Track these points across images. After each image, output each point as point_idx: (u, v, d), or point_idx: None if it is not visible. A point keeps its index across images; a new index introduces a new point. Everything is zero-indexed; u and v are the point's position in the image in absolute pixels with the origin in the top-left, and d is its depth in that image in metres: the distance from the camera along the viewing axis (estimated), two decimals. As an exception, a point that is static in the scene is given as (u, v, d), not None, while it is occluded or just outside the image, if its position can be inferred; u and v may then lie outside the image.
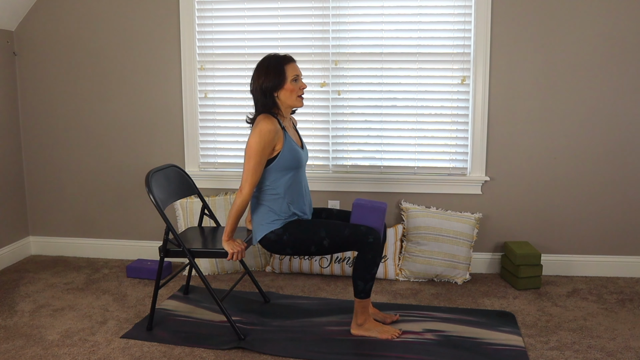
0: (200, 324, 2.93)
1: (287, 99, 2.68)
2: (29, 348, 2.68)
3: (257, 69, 2.68)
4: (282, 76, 2.64)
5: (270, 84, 2.63)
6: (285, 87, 2.65)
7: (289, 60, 2.68)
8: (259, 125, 2.58)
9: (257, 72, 2.67)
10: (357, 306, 2.75)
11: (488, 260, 3.67)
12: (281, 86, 2.64)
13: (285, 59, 2.68)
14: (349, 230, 2.63)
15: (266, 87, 2.63)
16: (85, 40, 3.81)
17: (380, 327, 2.78)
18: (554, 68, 3.46)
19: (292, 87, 2.66)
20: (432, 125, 3.62)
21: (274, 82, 2.63)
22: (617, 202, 3.54)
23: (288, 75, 2.65)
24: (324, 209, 2.97)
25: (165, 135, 3.83)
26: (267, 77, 2.63)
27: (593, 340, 2.75)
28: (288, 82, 2.64)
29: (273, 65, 2.65)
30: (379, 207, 2.68)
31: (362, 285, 2.67)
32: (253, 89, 2.69)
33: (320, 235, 2.65)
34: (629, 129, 3.47)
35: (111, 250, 4.00)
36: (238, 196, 2.63)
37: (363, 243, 2.61)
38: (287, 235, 2.68)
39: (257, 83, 2.66)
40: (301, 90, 2.70)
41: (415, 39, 3.54)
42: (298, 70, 2.69)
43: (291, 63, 2.68)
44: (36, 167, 4.00)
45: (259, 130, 2.57)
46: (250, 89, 2.72)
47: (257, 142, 2.57)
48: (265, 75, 2.64)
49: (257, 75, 2.66)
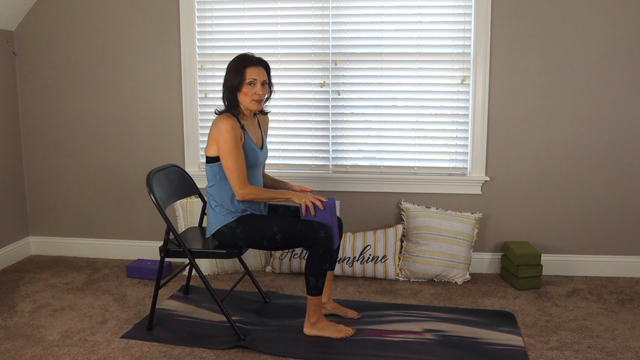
0: (200, 324, 2.93)
1: (243, 100, 2.74)
2: (29, 348, 2.69)
3: (227, 66, 2.75)
4: (241, 78, 2.70)
5: (231, 83, 2.71)
6: (243, 89, 2.70)
7: (253, 63, 2.71)
8: (220, 125, 2.64)
9: (227, 69, 2.75)
10: (309, 304, 2.74)
11: (488, 260, 3.67)
12: (239, 88, 2.71)
13: (249, 61, 2.71)
14: (300, 225, 2.65)
15: (228, 86, 2.73)
16: (85, 41, 3.81)
17: (334, 326, 2.78)
18: (554, 68, 3.46)
19: (247, 90, 2.71)
20: (432, 125, 3.62)
21: (233, 82, 2.71)
22: (617, 202, 3.54)
23: (246, 77, 2.69)
24: (281, 205, 3.00)
25: (165, 135, 3.83)
26: (229, 76, 2.72)
27: (593, 340, 2.75)
28: (244, 85, 2.70)
29: (236, 65, 2.71)
30: (326, 202, 2.71)
31: (313, 282, 2.67)
32: (223, 84, 2.77)
33: (272, 230, 2.68)
34: (628, 128, 3.47)
35: (111, 250, 4.00)
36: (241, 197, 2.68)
37: (314, 238, 2.63)
38: (240, 229, 2.72)
39: (225, 78, 2.75)
40: (256, 95, 2.72)
41: (415, 39, 3.54)
42: (257, 74, 2.70)
43: (252, 66, 2.70)
44: (36, 167, 4.00)
45: (224, 130, 2.62)
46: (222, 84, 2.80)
47: (227, 140, 2.63)
48: (228, 73, 2.73)
49: (226, 72, 2.75)
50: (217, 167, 2.73)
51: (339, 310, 2.97)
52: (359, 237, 3.59)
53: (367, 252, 3.54)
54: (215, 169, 2.74)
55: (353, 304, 3.14)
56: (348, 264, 3.54)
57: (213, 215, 2.78)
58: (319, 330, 2.76)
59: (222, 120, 2.66)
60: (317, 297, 2.71)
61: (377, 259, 3.52)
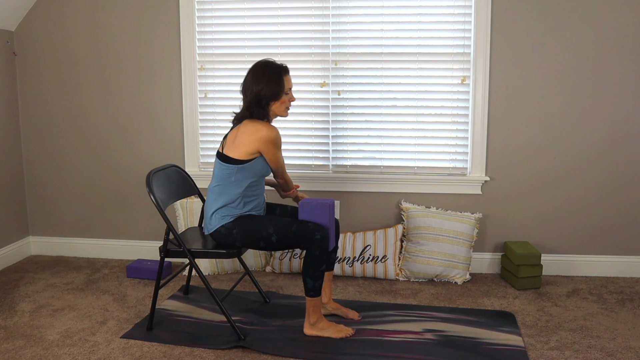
0: (200, 324, 2.93)
1: (277, 109, 2.75)
2: (29, 348, 2.69)
3: (255, 74, 2.71)
4: (280, 86, 2.70)
5: (269, 93, 2.68)
6: (281, 98, 2.71)
7: (286, 71, 2.75)
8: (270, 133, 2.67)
9: (256, 77, 2.70)
10: (308, 305, 2.74)
11: (488, 260, 3.67)
12: (278, 97, 2.70)
13: (283, 69, 2.74)
14: (296, 227, 2.66)
15: (264, 95, 2.68)
16: (85, 41, 3.81)
17: (334, 326, 2.78)
18: (554, 68, 3.46)
19: (284, 98, 2.73)
20: (432, 125, 3.62)
21: (272, 91, 2.68)
22: (617, 202, 3.54)
23: (285, 86, 2.71)
24: (279, 205, 3.01)
25: (165, 135, 3.83)
26: (268, 85, 2.68)
27: (593, 340, 2.75)
28: (282, 94, 2.71)
29: (274, 73, 2.69)
30: (324, 203, 2.72)
31: (311, 283, 2.67)
32: (249, 92, 2.71)
33: (268, 231, 2.68)
34: (629, 128, 3.47)
35: (111, 250, 4.00)
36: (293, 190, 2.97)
37: (310, 240, 2.63)
38: (237, 229, 2.72)
39: (254, 88, 2.69)
40: (289, 102, 2.77)
41: (415, 39, 3.54)
42: (290, 82, 2.77)
43: (288, 74, 2.76)
44: (36, 167, 4.00)
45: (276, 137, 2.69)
46: (244, 91, 2.75)
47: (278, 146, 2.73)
48: (266, 82, 2.68)
49: (255, 80, 2.69)
50: (235, 169, 2.70)
51: (340, 310, 2.97)
52: (359, 237, 3.59)
53: (367, 252, 3.54)
54: (233, 171, 2.70)
55: (353, 304, 3.14)
56: (348, 264, 3.54)
57: (212, 212, 2.77)
58: (319, 331, 2.76)
59: (270, 128, 2.68)
60: (315, 298, 2.71)
61: (377, 259, 3.52)
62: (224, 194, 2.74)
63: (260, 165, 2.74)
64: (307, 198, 2.84)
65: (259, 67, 2.72)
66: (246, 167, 2.70)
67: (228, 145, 2.73)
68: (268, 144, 2.68)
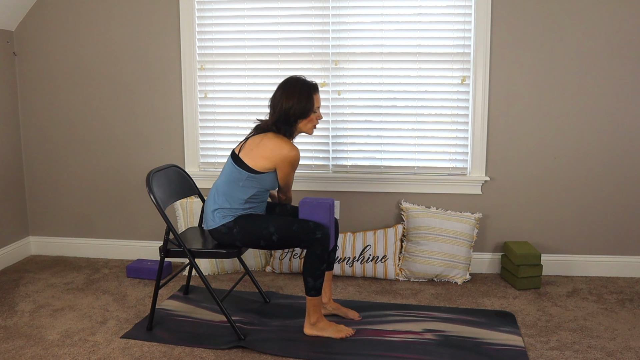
0: (200, 324, 2.93)
1: (304, 126, 2.76)
2: (29, 348, 2.68)
3: (286, 90, 2.71)
4: (310, 105, 2.70)
5: (298, 111, 2.69)
6: (310, 116, 2.72)
7: (316, 90, 2.76)
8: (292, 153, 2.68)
9: (287, 93, 2.70)
10: (308, 304, 2.74)
11: (488, 260, 3.67)
12: (307, 115, 2.71)
13: (313, 88, 2.74)
14: (297, 226, 2.66)
15: (293, 112, 2.69)
16: (85, 41, 3.81)
17: (334, 326, 2.78)
18: (554, 68, 3.46)
19: (313, 117, 2.74)
20: (432, 125, 3.62)
21: (302, 110, 2.69)
22: (617, 202, 3.54)
23: (315, 105, 2.72)
24: (278, 204, 3.01)
25: (165, 135, 3.83)
26: (299, 103, 2.68)
27: (593, 340, 2.75)
28: (312, 113, 2.72)
29: (305, 91, 2.70)
30: (324, 203, 2.72)
31: (312, 282, 2.67)
32: (277, 108, 2.70)
33: (269, 230, 2.68)
34: (629, 128, 3.47)
35: (111, 250, 4.00)
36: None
37: (311, 239, 2.63)
38: (237, 228, 2.72)
39: (284, 104, 2.69)
40: (317, 121, 2.78)
41: (415, 39, 3.54)
42: (320, 100, 2.78)
43: (318, 93, 2.77)
44: (36, 167, 4.00)
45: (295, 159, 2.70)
46: (272, 106, 2.73)
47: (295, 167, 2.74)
48: (297, 100, 2.68)
49: (285, 96, 2.69)
50: (246, 176, 2.70)
51: (340, 310, 2.97)
52: (359, 237, 3.59)
53: (367, 252, 3.54)
54: (243, 177, 2.70)
55: (353, 304, 3.14)
56: (348, 264, 3.54)
57: (214, 210, 2.77)
58: (319, 331, 2.76)
59: (291, 148, 2.68)
60: (316, 297, 2.71)
61: (377, 259, 3.52)
62: (228, 195, 2.74)
63: (271, 179, 2.75)
64: (307, 197, 2.84)
65: (290, 84, 2.72)
66: (257, 177, 2.70)
67: (246, 151, 2.71)
68: (285, 163, 2.69)
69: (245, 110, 3.74)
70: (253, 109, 3.73)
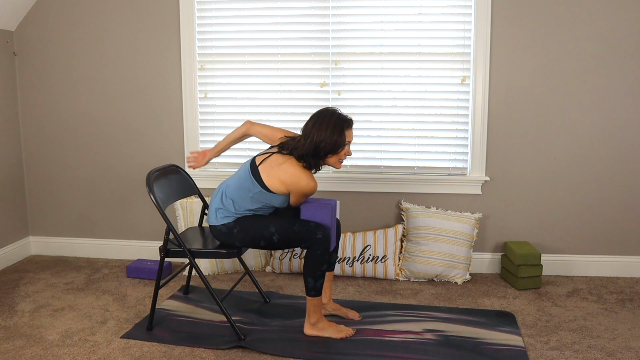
0: (200, 324, 2.93)
1: (331, 160, 2.71)
2: (29, 348, 2.68)
3: (319, 121, 2.64)
4: (341, 140, 2.64)
5: (329, 146, 2.63)
6: (339, 152, 2.67)
7: (350, 125, 2.69)
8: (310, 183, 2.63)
9: (319, 125, 2.63)
10: (309, 305, 2.74)
11: (488, 260, 3.67)
12: (336, 151, 2.66)
13: (347, 123, 2.67)
14: (298, 226, 2.66)
15: (324, 146, 2.63)
16: (85, 41, 3.81)
17: (334, 326, 2.78)
18: (554, 68, 3.46)
19: (341, 152, 2.69)
20: (432, 125, 3.62)
21: (332, 145, 2.63)
22: (617, 202, 3.54)
23: (346, 140, 2.66)
24: None
25: (165, 135, 3.83)
26: (331, 137, 2.61)
27: (593, 340, 2.75)
28: (342, 148, 2.66)
29: (338, 126, 2.63)
30: (326, 204, 2.72)
31: (312, 283, 2.67)
32: (309, 140, 2.63)
33: (270, 230, 2.68)
34: (629, 128, 3.47)
35: (111, 250, 4.00)
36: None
37: (312, 239, 2.63)
38: (238, 228, 2.72)
39: (316, 135, 2.62)
40: (345, 156, 2.73)
41: (416, 38, 3.54)
42: (352, 135, 2.72)
43: (351, 129, 2.70)
44: (36, 167, 4.00)
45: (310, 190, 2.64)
46: (305, 135, 2.66)
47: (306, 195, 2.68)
48: (330, 134, 2.61)
49: (318, 127, 2.63)
50: (258, 189, 2.68)
51: (340, 311, 2.97)
52: (359, 237, 3.59)
53: (367, 252, 3.54)
54: (254, 188, 2.68)
55: (353, 304, 3.14)
56: (348, 264, 3.54)
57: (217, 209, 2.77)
58: (319, 331, 2.76)
59: (309, 180, 2.63)
60: (316, 297, 2.71)
61: (377, 259, 3.52)
62: (236, 202, 2.73)
63: (281, 201, 2.74)
64: (309, 198, 2.84)
65: (324, 116, 2.65)
66: (268, 195, 2.70)
67: (266, 167, 2.67)
68: (300, 191, 2.66)
69: (245, 111, 3.74)
70: (253, 109, 3.73)
